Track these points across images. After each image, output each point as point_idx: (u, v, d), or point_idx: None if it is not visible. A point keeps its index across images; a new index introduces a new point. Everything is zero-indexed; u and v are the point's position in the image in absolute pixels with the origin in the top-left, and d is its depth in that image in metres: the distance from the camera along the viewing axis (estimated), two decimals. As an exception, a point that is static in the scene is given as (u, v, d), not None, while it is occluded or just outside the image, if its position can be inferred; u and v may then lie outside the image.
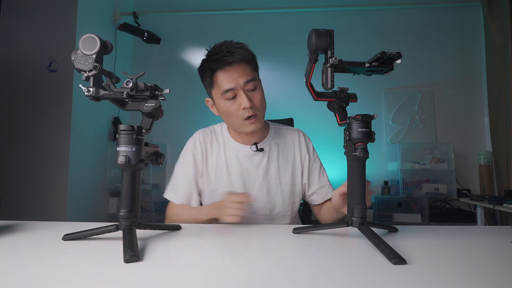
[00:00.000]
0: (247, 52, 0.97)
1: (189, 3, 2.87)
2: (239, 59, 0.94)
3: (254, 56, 1.01)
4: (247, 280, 0.45)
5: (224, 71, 0.94)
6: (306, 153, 1.11)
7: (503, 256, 0.57)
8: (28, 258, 0.54)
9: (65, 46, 2.09)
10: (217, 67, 0.95)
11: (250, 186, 1.05)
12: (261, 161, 1.06)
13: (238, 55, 0.94)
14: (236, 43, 0.97)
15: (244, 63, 0.96)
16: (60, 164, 2.05)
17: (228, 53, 0.93)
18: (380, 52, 0.64)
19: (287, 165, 1.08)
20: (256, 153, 1.05)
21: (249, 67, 0.97)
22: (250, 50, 0.99)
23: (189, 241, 0.67)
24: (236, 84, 0.94)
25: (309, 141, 1.15)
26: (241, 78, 0.94)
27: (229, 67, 0.94)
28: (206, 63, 0.98)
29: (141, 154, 0.62)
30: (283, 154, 1.09)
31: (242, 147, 1.06)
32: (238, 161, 1.05)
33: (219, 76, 0.95)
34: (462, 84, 2.65)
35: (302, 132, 1.16)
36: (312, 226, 0.75)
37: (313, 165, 1.12)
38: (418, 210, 2.35)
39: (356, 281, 0.45)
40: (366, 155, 0.65)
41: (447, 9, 2.69)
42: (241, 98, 0.95)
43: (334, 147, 1.64)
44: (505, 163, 2.20)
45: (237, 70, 0.94)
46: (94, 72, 0.60)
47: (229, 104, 0.96)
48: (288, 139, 1.12)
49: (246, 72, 0.95)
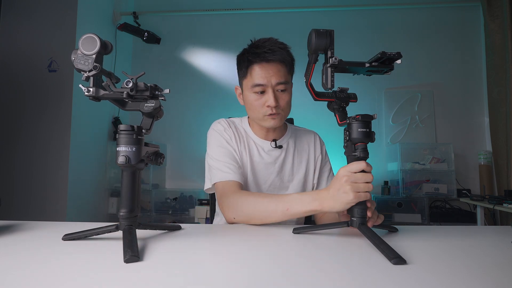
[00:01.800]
0: (287, 54, 0.98)
1: (189, 3, 2.87)
2: (278, 59, 0.95)
3: (293, 60, 1.02)
4: (247, 280, 0.45)
5: (261, 66, 0.96)
6: (319, 154, 1.14)
7: (503, 256, 0.57)
8: (28, 258, 0.54)
9: (65, 46, 2.09)
10: (255, 60, 0.96)
11: (263, 179, 1.06)
12: (278, 157, 1.08)
13: (278, 55, 0.95)
14: (280, 43, 0.99)
15: (281, 64, 0.97)
16: (60, 164, 2.06)
17: (270, 51, 0.95)
18: (380, 52, 0.64)
19: (301, 164, 1.10)
20: (274, 149, 1.08)
21: (285, 69, 0.98)
22: (291, 53, 1.00)
23: (189, 241, 0.67)
24: (268, 81, 0.95)
25: (323, 144, 1.18)
26: (274, 77, 0.96)
27: (266, 63, 0.96)
28: (246, 53, 0.99)
29: (141, 154, 0.62)
30: (298, 153, 1.11)
31: (262, 142, 1.08)
32: (259, 154, 1.07)
33: (254, 69, 0.97)
34: (462, 84, 2.65)
35: (317, 134, 1.19)
36: (312, 226, 0.75)
37: (323, 167, 1.14)
38: (418, 210, 2.35)
39: (356, 281, 0.45)
40: (366, 155, 0.66)
41: (447, 9, 2.69)
42: (268, 95, 0.96)
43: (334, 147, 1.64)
44: (505, 163, 2.20)
45: (272, 69, 0.96)
46: (94, 72, 0.60)
47: (256, 97, 0.98)
48: (304, 139, 1.14)
49: (280, 73, 0.96)
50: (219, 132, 1.06)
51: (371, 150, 0.66)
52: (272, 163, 1.07)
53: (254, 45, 0.99)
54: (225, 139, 1.05)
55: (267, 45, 0.96)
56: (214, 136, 1.06)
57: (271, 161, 1.07)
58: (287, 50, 0.99)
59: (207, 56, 2.86)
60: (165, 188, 2.81)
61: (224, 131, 1.06)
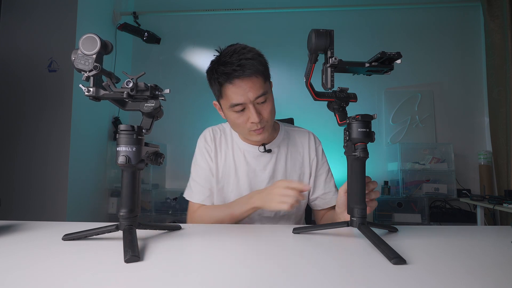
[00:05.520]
0: (259, 64, 0.90)
1: (189, 3, 2.87)
2: (250, 73, 0.88)
3: (266, 66, 0.95)
4: (247, 280, 0.45)
5: (234, 85, 0.89)
6: (314, 156, 1.09)
7: (503, 256, 0.57)
8: (28, 258, 0.54)
9: (65, 46, 2.09)
10: (226, 81, 0.89)
11: (256, 187, 1.03)
12: (268, 162, 1.04)
13: (249, 70, 0.87)
14: (247, 52, 0.90)
15: (255, 76, 0.89)
16: (60, 164, 2.05)
17: (239, 67, 0.87)
18: (380, 52, 0.64)
19: (294, 168, 1.06)
20: (263, 154, 1.04)
21: (260, 79, 0.91)
22: (262, 60, 0.92)
23: (189, 241, 0.67)
24: (246, 99, 0.90)
25: (319, 144, 1.13)
26: (251, 92, 0.89)
27: (239, 80, 0.88)
28: (215, 73, 0.92)
29: (141, 154, 0.62)
30: (291, 156, 1.07)
31: (250, 147, 1.05)
32: (246, 161, 1.04)
33: (228, 89, 0.90)
34: (462, 84, 2.65)
35: (312, 134, 1.14)
36: (312, 226, 0.75)
37: (320, 169, 1.10)
38: (418, 210, 2.35)
39: (356, 281, 0.45)
40: (366, 155, 0.65)
41: (447, 9, 2.69)
42: (250, 112, 0.91)
43: (334, 147, 1.64)
44: (505, 163, 2.20)
45: (247, 84, 0.89)
46: (94, 72, 0.60)
47: (237, 116, 0.93)
48: (297, 141, 1.10)
49: (256, 86, 0.90)
50: (198, 147, 1.07)
51: (371, 150, 0.66)
52: (262, 170, 1.04)
53: (221, 62, 0.90)
54: (202, 154, 1.05)
55: (235, 61, 0.87)
56: (197, 150, 1.08)
57: (261, 167, 1.04)
58: (257, 59, 0.90)
59: (207, 56, 2.86)
60: (165, 188, 2.80)
61: (204, 146, 1.06)
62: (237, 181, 1.03)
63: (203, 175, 1.04)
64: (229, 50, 0.92)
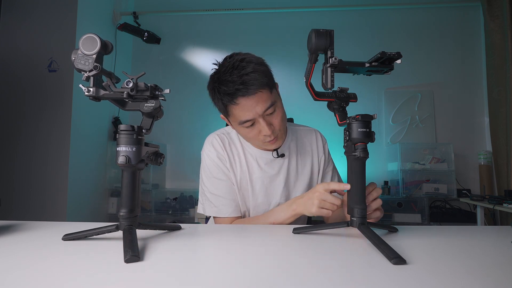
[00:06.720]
0: (262, 76, 0.84)
1: (189, 3, 2.87)
2: (254, 89, 0.82)
3: (270, 75, 0.89)
4: (247, 280, 0.45)
5: (239, 105, 0.84)
6: (322, 154, 1.08)
7: (503, 256, 0.57)
8: (28, 258, 0.54)
9: (65, 46, 2.09)
10: (230, 102, 0.85)
11: (272, 193, 1.01)
12: (281, 166, 1.02)
13: (253, 86, 0.82)
14: (247, 65, 0.83)
15: (260, 90, 0.83)
16: (60, 164, 2.06)
17: (242, 85, 0.81)
18: (380, 52, 0.64)
19: (305, 167, 1.05)
20: (276, 159, 1.02)
21: (266, 91, 0.85)
22: (264, 70, 0.86)
23: (189, 241, 0.67)
24: (255, 114, 0.85)
25: (325, 142, 1.11)
26: (259, 107, 0.84)
27: (244, 100, 0.83)
28: (217, 93, 0.87)
29: (141, 154, 0.62)
30: (301, 156, 1.06)
31: (263, 153, 1.01)
32: (260, 167, 1.00)
33: (234, 109, 0.86)
34: (462, 84, 2.65)
35: (318, 132, 1.12)
36: (312, 226, 0.75)
37: (326, 168, 1.09)
38: (418, 210, 2.35)
39: (356, 281, 0.45)
40: (366, 155, 0.65)
41: (447, 9, 2.69)
42: (260, 125, 0.87)
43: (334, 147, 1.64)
44: (505, 163, 2.20)
45: (253, 99, 0.83)
46: (94, 72, 0.60)
47: (248, 130, 0.90)
48: (305, 140, 1.08)
49: (263, 99, 0.85)
50: (211, 159, 1.00)
51: (371, 150, 0.66)
52: (276, 174, 1.01)
53: (222, 80, 0.84)
54: (219, 166, 0.99)
55: (236, 78, 0.82)
56: (207, 163, 1.01)
57: (275, 172, 1.01)
58: (259, 70, 0.84)
59: (207, 56, 2.86)
60: (165, 188, 2.81)
61: (216, 156, 0.99)
62: (252, 189, 1.00)
63: (224, 187, 0.99)
64: (227, 65, 0.85)
